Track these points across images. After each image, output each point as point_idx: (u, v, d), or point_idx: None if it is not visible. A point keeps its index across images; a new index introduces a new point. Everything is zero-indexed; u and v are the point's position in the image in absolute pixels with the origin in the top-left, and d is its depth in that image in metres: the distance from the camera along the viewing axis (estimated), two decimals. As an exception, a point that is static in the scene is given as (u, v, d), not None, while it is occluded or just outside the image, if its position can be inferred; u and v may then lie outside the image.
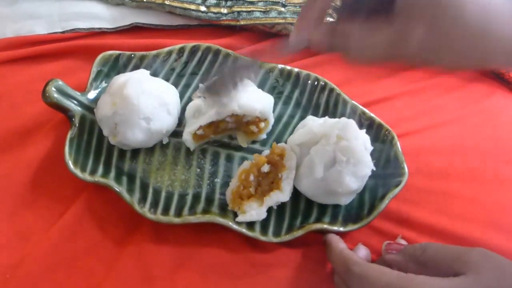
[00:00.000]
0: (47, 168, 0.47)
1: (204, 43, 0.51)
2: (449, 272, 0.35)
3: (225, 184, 0.47)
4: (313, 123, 0.46)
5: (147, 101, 0.45)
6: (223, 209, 0.45)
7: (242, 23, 0.55)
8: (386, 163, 0.47)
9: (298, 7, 0.57)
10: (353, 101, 0.50)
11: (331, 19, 0.42)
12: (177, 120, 0.48)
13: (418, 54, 0.32)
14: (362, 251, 0.44)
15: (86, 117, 0.47)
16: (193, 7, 0.56)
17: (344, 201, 0.45)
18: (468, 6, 0.30)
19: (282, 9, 0.56)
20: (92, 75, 0.49)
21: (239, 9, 0.56)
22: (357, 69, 0.53)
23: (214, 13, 0.56)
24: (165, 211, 0.44)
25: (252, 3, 0.57)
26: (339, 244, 0.42)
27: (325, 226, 0.44)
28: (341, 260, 0.39)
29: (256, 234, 0.44)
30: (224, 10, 0.56)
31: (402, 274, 0.35)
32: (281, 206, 0.46)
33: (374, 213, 0.44)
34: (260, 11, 0.56)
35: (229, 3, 0.57)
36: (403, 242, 0.44)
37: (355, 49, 0.34)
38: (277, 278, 0.43)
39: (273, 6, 0.57)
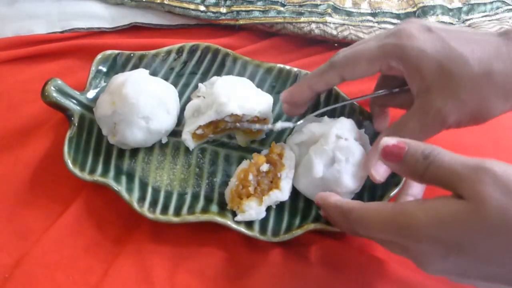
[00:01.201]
0: (46, 168, 0.47)
1: (203, 43, 0.51)
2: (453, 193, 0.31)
3: (224, 184, 0.47)
4: (312, 123, 0.46)
5: (146, 101, 0.45)
6: (222, 208, 0.45)
7: (241, 22, 0.55)
8: (385, 163, 0.47)
9: (297, 6, 0.57)
10: (352, 101, 0.50)
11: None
12: (176, 120, 0.48)
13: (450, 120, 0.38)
14: (415, 188, 0.39)
15: (85, 116, 0.47)
16: (192, 6, 0.56)
17: (343, 200, 0.45)
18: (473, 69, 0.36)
19: (281, 8, 0.56)
20: (91, 75, 0.49)
21: (238, 9, 0.56)
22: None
23: (213, 12, 0.56)
24: (164, 211, 0.44)
25: (251, 2, 0.57)
26: (331, 198, 0.39)
27: (324, 225, 0.44)
28: (338, 214, 0.36)
29: (255, 233, 0.44)
30: (223, 10, 0.56)
31: (397, 207, 0.32)
32: (280, 205, 0.46)
33: (373, 213, 0.44)
34: (259, 11, 0.56)
35: (228, 2, 0.57)
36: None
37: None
38: (276, 278, 0.43)
39: (272, 6, 0.57)
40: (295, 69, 0.51)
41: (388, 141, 0.34)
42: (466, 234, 0.30)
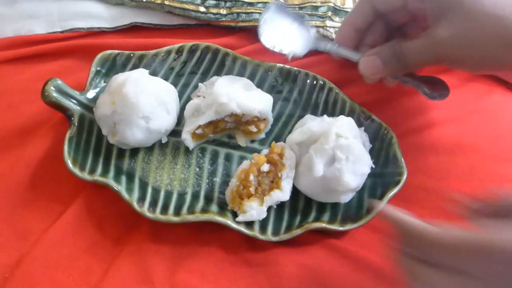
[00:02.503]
0: (46, 168, 0.47)
1: (203, 42, 0.51)
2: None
3: (224, 183, 0.47)
4: (312, 122, 0.46)
5: (146, 100, 0.45)
6: (222, 208, 0.45)
7: (240, 25, 0.55)
8: (385, 162, 0.47)
9: (297, 8, 0.57)
10: (352, 100, 0.50)
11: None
12: (176, 119, 0.48)
13: (447, 54, 0.41)
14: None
15: (85, 116, 0.47)
16: (192, 7, 0.56)
17: (344, 199, 0.45)
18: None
19: (281, 10, 0.56)
20: (91, 75, 0.49)
21: (238, 10, 0.56)
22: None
23: (213, 13, 0.56)
24: (164, 210, 0.44)
25: (251, 4, 0.57)
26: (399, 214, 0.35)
27: (324, 225, 0.44)
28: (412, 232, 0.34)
29: (255, 233, 0.44)
30: (223, 11, 0.56)
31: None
32: (280, 205, 0.46)
33: (373, 212, 0.44)
34: (259, 13, 0.56)
35: (228, 4, 0.57)
36: None
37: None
38: (276, 278, 0.43)
39: (273, 8, 0.56)
40: (295, 68, 0.51)
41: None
42: None
